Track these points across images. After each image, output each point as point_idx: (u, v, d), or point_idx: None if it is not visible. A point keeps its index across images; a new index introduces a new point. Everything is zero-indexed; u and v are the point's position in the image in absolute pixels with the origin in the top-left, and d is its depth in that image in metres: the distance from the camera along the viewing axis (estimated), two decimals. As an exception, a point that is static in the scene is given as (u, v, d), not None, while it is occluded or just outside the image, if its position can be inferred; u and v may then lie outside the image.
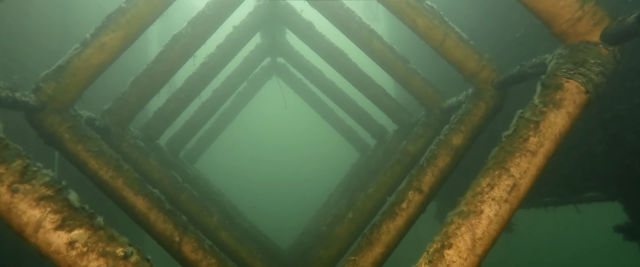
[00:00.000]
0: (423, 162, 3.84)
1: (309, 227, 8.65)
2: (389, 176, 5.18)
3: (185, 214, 4.81)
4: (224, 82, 8.23)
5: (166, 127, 6.44)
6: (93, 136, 3.53)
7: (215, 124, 9.47)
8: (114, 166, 3.46)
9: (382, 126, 8.41)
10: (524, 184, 2.36)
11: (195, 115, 7.99)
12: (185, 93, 6.45)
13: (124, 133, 4.89)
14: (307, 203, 19.99)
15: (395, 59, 5.36)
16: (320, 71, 8.45)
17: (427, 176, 3.75)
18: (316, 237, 6.20)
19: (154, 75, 4.97)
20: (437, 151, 3.84)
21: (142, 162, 4.81)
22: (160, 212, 3.41)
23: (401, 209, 3.64)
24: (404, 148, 5.32)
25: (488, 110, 3.90)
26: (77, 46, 3.52)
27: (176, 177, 4.95)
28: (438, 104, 5.36)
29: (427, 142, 5.33)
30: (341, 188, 8.14)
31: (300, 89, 9.69)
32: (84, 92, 3.72)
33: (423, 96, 5.39)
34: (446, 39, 3.98)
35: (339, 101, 8.53)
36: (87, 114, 4.14)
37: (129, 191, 3.41)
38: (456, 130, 3.88)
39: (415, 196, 3.68)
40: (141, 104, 5.04)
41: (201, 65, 6.61)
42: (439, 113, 5.37)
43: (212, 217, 4.84)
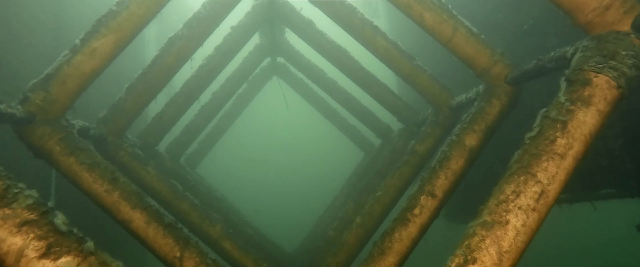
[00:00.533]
0: (435, 165, 3.64)
1: (315, 230, 8.46)
2: (397, 178, 4.98)
3: (186, 225, 4.63)
4: (223, 84, 8.02)
5: (165, 133, 6.25)
6: (86, 147, 3.34)
7: (215, 127, 9.28)
8: (109, 179, 3.27)
9: (386, 125, 8.21)
10: (552, 191, 2.15)
11: (195, 119, 7.80)
12: (184, 97, 6.25)
13: (120, 141, 4.70)
14: (311, 204, 19.77)
15: (400, 56, 5.15)
16: (321, 70, 8.24)
17: (440, 179, 3.55)
18: (323, 242, 6.01)
19: (150, 80, 4.78)
20: (450, 152, 3.64)
21: (140, 171, 4.62)
22: (160, 227, 3.22)
23: (413, 215, 3.44)
24: (412, 148, 5.11)
25: (502, 108, 3.70)
26: (66, 53, 3.33)
27: (176, 186, 4.76)
28: (446, 102, 5.16)
29: (436, 142, 5.13)
30: (346, 190, 7.94)
31: (301, 88, 9.48)
32: (77, 100, 3.54)
33: (430, 94, 5.18)
34: (456, 34, 3.77)
35: (342, 100, 8.32)
36: (81, 124, 3.95)
37: (125, 205, 3.21)
38: (469, 130, 3.67)
39: (428, 200, 3.48)
40: (138, 111, 4.84)
41: (199, 68, 6.41)
42: (447, 111, 5.16)
43: (215, 226, 4.65)
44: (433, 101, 5.22)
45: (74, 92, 3.36)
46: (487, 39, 3.86)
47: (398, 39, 6.00)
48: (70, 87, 3.32)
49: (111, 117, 4.67)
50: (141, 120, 6.66)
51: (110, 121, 4.66)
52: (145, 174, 4.62)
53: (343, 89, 8.27)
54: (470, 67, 3.89)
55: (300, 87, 9.47)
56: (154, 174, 4.67)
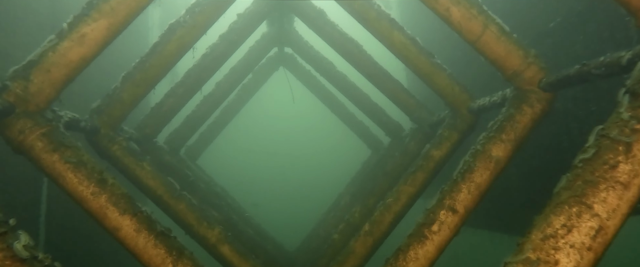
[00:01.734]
0: (457, 177, 3.29)
1: (317, 230, 8.17)
2: (410, 184, 4.64)
3: (183, 227, 4.32)
4: (227, 74, 7.67)
5: (164, 124, 5.92)
6: (72, 144, 3.01)
7: (218, 119, 8.95)
8: (96, 180, 2.94)
9: (397, 123, 7.84)
10: (612, 227, 1.81)
11: (197, 110, 7.47)
12: (185, 87, 5.91)
13: (114, 135, 4.37)
14: (313, 199, 19.43)
15: (418, 52, 4.77)
16: (330, 63, 7.86)
17: (462, 192, 3.20)
18: (327, 246, 5.70)
19: (148, 69, 4.43)
20: (474, 163, 3.28)
21: (134, 168, 4.30)
22: (151, 235, 2.91)
23: (431, 232, 3.10)
24: (428, 153, 4.76)
25: (534, 116, 3.33)
26: (52, 38, 2.98)
27: (173, 185, 4.44)
28: (466, 104, 4.78)
29: (453, 147, 4.77)
30: (352, 189, 7.62)
31: (308, 81, 9.12)
32: (66, 91, 3.21)
33: (449, 94, 4.80)
34: (485, 32, 3.39)
35: (351, 95, 7.95)
36: (70, 115, 3.62)
37: (113, 210, 2.89)
38: (496, 140, 3.31)
39: (448, 216, 3.14)
40: (134, 101, 4.50)
41: (202, 57, 6.05)
42: (466, 114, 4.79)
43: (213, 229, 4.35)
44: (451, 102, 4.85)
45: (60, 81, 3.02)
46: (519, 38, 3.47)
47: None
48: (56, 76, 2.98)
49: (105, 108, 4.33)
50: (140, 110, 6.34)
51: (104, 112, 4.33)
52: (140, 171, 4.30)
53: (352, 83, 7.89)
54: (500, 68, 3.51)
55: (307, 80, 9.10)
56: (150, 171, 4.35)
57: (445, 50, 7.10)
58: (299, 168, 34.16)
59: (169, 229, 3.06)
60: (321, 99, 9.31)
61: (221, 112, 8.92)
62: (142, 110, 6.17)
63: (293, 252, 8.50)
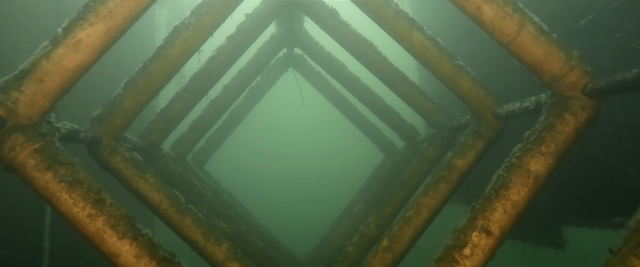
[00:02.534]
0: (490, 194, 2.96)
1: (329, 238, 7.88)
2: (431, 196, 4.32)
3: (189, 243, 4.06)
4: (235, 76, 7.39)
5: (170, 131, 5.66)
6: (67, 160, 2.74)
7: (226, 123, 8.68)
8: (93, 200, 2.67)
9: (411, 126, 7.51)
10: None
11: (204, 114, 7.21)
12: (191, 92, 5.64)
13: (116, 145, 4.11)
14: (324, 205, 19.08)
15: (440, 54, 4.44)
16: (342, 64, 7.54)
17: (497, 212, 2.87)
18: (340, 258, 5.41)
19: (152, 75, 4.16)
20: (509, 178, 2.95)
21: (137, 181, 4.04)
22: (152, 261, 2.63)
23: (463, 257, 2.78)
24: (450, 162, 4.43)
25: (578, 125, 2.99)
26: (46, 44, 2.71)
27: (178, 198, 4.17)
28: (491, 109, 4.44)
29: (478, 156, 4.44)
30: (365, 195, 7.32)
31: (318, 82, 8.81)
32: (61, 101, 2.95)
33: (473, 98, 4.47)
34: (521, 32, 3.06)
35: (363, 97, 7.63)
36: (68, 127, 3.37)
37: (111, 234, 2.62)
38: (534, 152, 2.98)
39: (481, 238, 2.82)
40: (138, 109, 4.24)
41: (209, 60, 5.77)
42: (492, 120, 4.46)
43: (221, 245, 4.07)
44: (475, 107, 4.51)
45: (54, 92, 2.75)
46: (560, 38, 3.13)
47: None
48: (50, 86, 2.71)
49: (107, 117, 4.07)
50: (146, 116, 6.09)
51: (105, 121, 4.06)
52: (144, 185, 4.03)
53: (365, 85, 7.57)
54: (536, 73, 3.18)
55: (317, 81, 8.79)
56: (154, 184, 4.08)
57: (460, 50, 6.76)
58: (308, 172, 33.67)
59: (172, 253, 2.78)
60: (332, 101, 9.00)
61: (229, 115, 8.65)
62: (148, 117, 5.91)
63: (303, 261, 8.21)
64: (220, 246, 4.07)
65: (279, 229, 10.83)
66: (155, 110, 5.82)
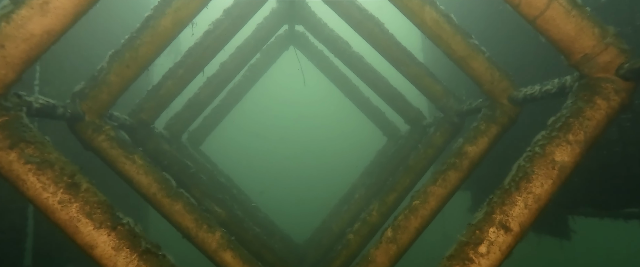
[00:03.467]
0: (509, 185, 2.66)
1: (329, 224, 7.65)
2: (440, 185, 4.03)
3: (180, 230, 3.79)
4: (233, 54, 7.02)
5: (162, 109, 5.34)
6: (36, 139, 2.44)
7: (223, 102, 8.35)
8: (66, 185, 2.38)
9: (417, 110, 7.17)
10: None
11: (200, 92, 6.87)
12: (186, 68, 5.29)
13: (101, 123, 3.80)
14: (323, 188, 18.77)
15: (453, 31, 4.08)
16: (346, 43, 7.16)
17: (517, 206, 2.58)
18: (340, 246, 5.16)
19: (139, 47, 3.81)
20: (532, 169, 2.65)
21: (124, 162, 3.74)
22: (133, 254, 2.35)
23: (479, 255, 2.50)
24: (460, 149, 4.12)
25: (611, 111, 2.66)
26: (6, 4, 2.36)
27: (169, 181, 3.88)
28: (507, 92, 4.11)
29: (492, 143, 4.13)
30: (367, 181, 7.05)
31: (321, 62, 8.43)
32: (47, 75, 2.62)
33: (487, 81, 4.13)
34: (551, 5, 2.70)
35: (367, 78, 7.27)
36: (43, 101, 3.05)
37: (86, 223, 2.34)
38: (560, 141, 2.66)
39: (499, 235, 2.53)
40: (124, 84, 3.90)
41: (205, 34, 5.41)
42: (508, 105, 4.12)
43: (214, 233, 3.81)
44: (489, 90, 4.17)
45: (19, 60, 2.41)
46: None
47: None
48: (13, 53, 2.38)
49: (90, 92, 3.74)
50: (137, 93, 5.75)
51: (88, 97, 3.74)
52: (130, 166, 3.74)
53: (369, 65, 7.20)
54: (565, 51, 2.83)
55: (319, 60, 8.42)
56: (142, 166, 3.79)
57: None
58: (308, 154, 33.07)
59: (156, 245, 2.50)
60: (334, 82, 8.64)
61: (226, 95, 8.32)
62: (139, 93, 5.58)
63: (302, 245, 8.02)
64: (213, 234, 3.81)
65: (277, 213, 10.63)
66: (146, 88, 5.49)
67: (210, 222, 3.85)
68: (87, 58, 5.98)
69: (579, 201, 5.21)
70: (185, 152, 6.56)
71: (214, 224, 3.88)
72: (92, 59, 6.17)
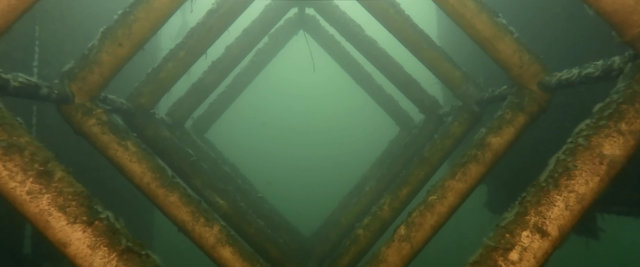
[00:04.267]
0: (547, 183, 2.29)
1: (337, 217, 7.34)
2: (460, 179, 3.66)
3: (176, 223, 3.51)
4: (239, 36, 6.69)
5: (162, 94, 5.04)
6: (5, 120, 2.14)
7: (230, 88, 8.04)
8: (37, 173, 2.09)
9: (433, 98, 6.77)
10: None
11: (204, 77, 6.56)
12: (187, 50, 4.97)
13: (92, 105, 3.51)
14: (332, 179, 18.37)
15: (478, 9, 3.67)
16: (358, 26, 6.76)
17: (557, 207, 2.21)
18: (349, 241, 4.86)
19: (133, 24, 3.49)
20: (574, 163, 2.27)
21: (116, 148, 3.45)
22: (112, 254, 2.06)
23: (509, 262, 2.15)
24: (483, 140, 3.74)
25: (673, 97, 2.26)
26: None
27: (164, 170, 3.59)
28: (537, 78, 3.69)
29: (518, 134, 3.73)
30: (378, 172, 6.71)
31: (331, 47, 8.04)
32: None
33: (515, 64, 3.71)
34: (603, -29, 2.28)
35: (380, 64, 6.87)
36: (23, 79, 2.76)
37: (59, 218, 2.05)
38: (610, 131, 2.27)
39: (534, 240, 2.18)
40: (118, 64, 3.59)
41: (208, 13, 5.07)
42: (538, 91, 3.71)
43: (212, 227, 3.51)
44: (517, 75, 3.76)
45: (-14, 32, 2.11)
46: None
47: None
48: (-22, 23, 2.07)
49: (80, 72, 3.45)
50: (137, 75, 5.46)
51: (78, 77, 3.44)
52: (122, 154, 3.45)
53: (383, 50, 6.80)
54: (617, 26, 2.42)
55: (330, 45, 8.03)
56: (135, 153, 3.50)
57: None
58: (318, 144, 32.38)
59: (140, 243, 2.20)
60: (345, 69, 8.25)
61: (233, 80, 8.00)
62: (139, 76, 5.28)
63: (309, 238, 7.75)
64: (211, 228, 3.52)
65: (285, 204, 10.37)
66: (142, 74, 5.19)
67: (208, 215, 3.56)
68: (89, 38, 5.70)
69: (611, 198, 4.80)
70: (188, 139, 6.29)
71: (213, 218, 3.59)
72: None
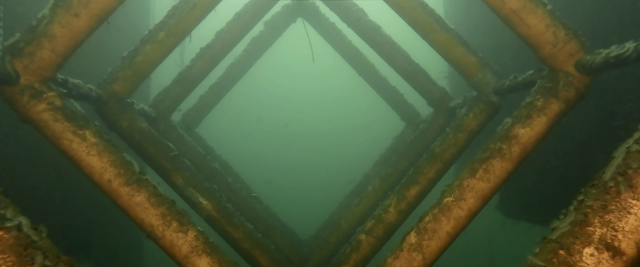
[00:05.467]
0: (615, 183, 1.71)
1: (337, 219, 6.78)
2: (480, 177, 3.08)
3: (143, 228, 2.94)
4: (231, 21, 6.11)
5: (141, 80, 4.47)
6: None
7: (222, 79, 7.46)
8: None
9: (443, 89, 6.18)
10: None
11: (192, 65, 5.99)
12: (168, 31, 4.40)
13: (42, 88, 2.93)
14: (333, 178, 17.72)
15: (505, -24, 3.07)
16: (361, 10, 6.18)
17: (633, 216, 1.63)
18: (350, 248, 4.28)
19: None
20: (651, 157, 1.68)
21: (70, 139, 2.86)
22: None
23: (567, 290, 1.57)
24: (509, 131, 3.16)
25: None
26: None
27: (130, 164, 3.01)
28: (575, 57, 3.10)
29: (551, 123, 3.15)
30: (382, 171, 6.13)
31: (332, 36, 7.46)
32: None
33: (547, 43, 3.13)
34: None
35: (385, 53, 6.28)
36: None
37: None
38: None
39: (601, 260, 1.60)
40: (75, 38, 3.01)
41: (195, -7, 4.49)
42: (575, 74, 3.13)
43: (187, 233, 2.94)
44: (550, 55, 3.17)
45: None
46: None
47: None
48: None
49: (26, 47, 2.87)
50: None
51: (24, 53, 2.87)
52: (78, 145, 2.87)
53: (388, 37, 6.22)
54: None
55: (330, 34, 7.44)
56: (95, 144, 2.92)
57: None
58: (317, 140, 31.27)
59: (67, 260, 1.63)
60: (347, 59, 7.67)
61: (225, 71, 7.42)
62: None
63: (306, 242, 7.18)
64: (185, 234, 2.95)
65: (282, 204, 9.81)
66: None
67: (182, 219, 2.99)
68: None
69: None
70: (173, 133, 5.72)
71: (188, 221, 3.01)
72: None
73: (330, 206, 8.22)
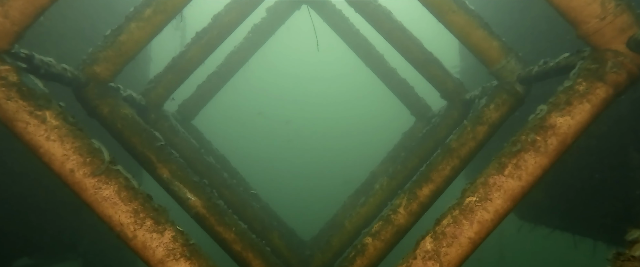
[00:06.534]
0: None
1: (340, 219, 6.33)
2: (509, 173, 2.61)
3: (111, 227, 2.52)
4: (229, 4, 5.68)
5: (126, 62, 4.03)
6: None
7: (222, 68, 7.04)
8: None
9: (457, 81, 5.69)
10: None
11: (187, 50, 5.56)
12: (155, 7, 3.97)
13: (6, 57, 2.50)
14: (338, 176, 17.14)
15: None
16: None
17: None
18: (354, 251, 3.82)
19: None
20: None
21: (27, 121, 2.42)
22: None
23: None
24: (544, 120, 2.67)
25: None
26: None
27: (98, 153, 2.57)
28: (627, 33, 2.62)
29: (596, 111, 2.66)
30: (390, 168, 5.66)
31: (338, 24, 7.00)
32: None
33: (593, 15, 2.64)
34: None
35: (395, 41, 5.81)
36: None
37: None
38: None
39: None
40: (36, 4, 2.60)
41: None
42: (627, 53, 2.64)
43: (163, 233, 2.51)
44: (595, 30, 2.68)
45: None
46: None
47: None
48: None
49: None
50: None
51: None
52: (35, 128, 2.44)
53: (399, 23, 5.74)
54: None
55: (336, 22, 6.98)
56: (55, 128, 2.49)
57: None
58: (322, 136, 30.13)
59: None
60: (354, 49, 7.20)
61: (225, 60, 7.00)
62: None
63: (307, 243, 6.73)
64: (160, 234, 2.51)
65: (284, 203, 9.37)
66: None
67: (158, 217, 2.55)
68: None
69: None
70: (164, 124, 5.30)
71: (165, 220, 2.58)
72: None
73: (333, 206, 7.77)
